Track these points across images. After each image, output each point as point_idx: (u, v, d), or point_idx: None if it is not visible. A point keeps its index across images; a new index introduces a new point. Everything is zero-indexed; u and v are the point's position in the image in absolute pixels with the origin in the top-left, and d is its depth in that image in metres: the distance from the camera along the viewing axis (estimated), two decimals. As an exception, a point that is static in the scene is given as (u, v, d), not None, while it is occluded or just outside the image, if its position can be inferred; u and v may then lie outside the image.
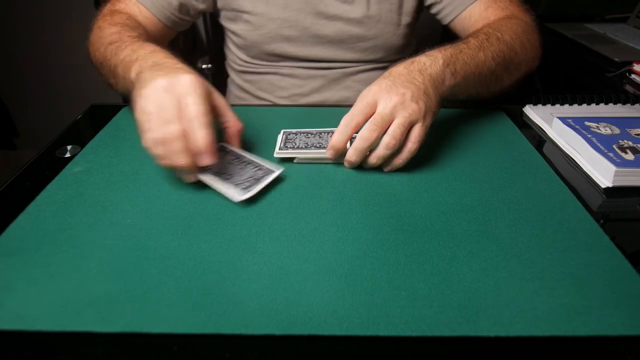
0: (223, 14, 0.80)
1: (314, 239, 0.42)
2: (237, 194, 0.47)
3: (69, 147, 0.58)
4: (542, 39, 0.71)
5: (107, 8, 0.71)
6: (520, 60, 0.67)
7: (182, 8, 0.74)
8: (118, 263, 0.39)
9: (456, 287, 0.37)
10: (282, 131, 0.60)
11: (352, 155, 0.51)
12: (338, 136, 0.51)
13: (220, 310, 0.35)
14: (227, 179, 0.49)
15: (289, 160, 0.56)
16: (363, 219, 0.45)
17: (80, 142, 0.59)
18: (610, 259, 0.40)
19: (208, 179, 0.48)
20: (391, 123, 0.49)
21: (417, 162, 0.55)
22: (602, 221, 0.46)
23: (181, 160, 0.44)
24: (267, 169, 0.51)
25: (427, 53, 0.56)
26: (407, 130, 0.50)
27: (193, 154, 0.45)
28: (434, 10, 0.81)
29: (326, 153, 0.53)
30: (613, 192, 0.51)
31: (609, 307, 0.35)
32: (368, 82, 0.83)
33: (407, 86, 0.50)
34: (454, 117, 0.67)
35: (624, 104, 0.70)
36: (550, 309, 0.35)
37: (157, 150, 0.45)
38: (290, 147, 0.55)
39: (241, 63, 0.85)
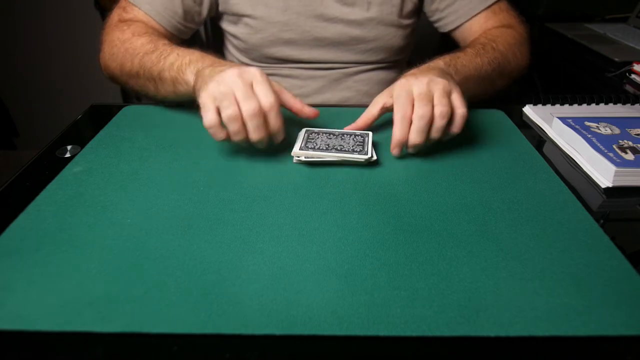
0: (224, 17, 0.80)
1: (314, 239, 0.42)
2: (363, 157, 0.53)
3: (69, 147, 0.58)
4: (530, 48, 0.77)
5: (115, 19, 0.72)
6: (512, 68, 0.72)
7: (187, 16, 0.75)
8: (118, 263, 0.39)
9: (456, 287, 0.37)
10: (304, 129, 0.59)
11: (415, 137, 0.52)
12: (399, 131, 0.53)
13: (220, 310, 0.35)
14: (340, 149, 0.55)
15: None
16: (363, 219, 0.45)
17: (80, 142, 0.59)
18: (610, 259, 0.40)
19: (324, 155, 0.54)
20: (432, 96, 0.52)
21: (417, 162, 0.55)
22: (602, 221, 0.46)
23: (259, 134, 0.51)
24: (362, 133, 0.58)
25: (427, 62, 0.60)
26: (449, 99, 0.53)
27: (267, 132, 0.52)
28: (433, 18, 0.82)
29: (393, 151, 0.55)
30: (613, 192, 0.51)
31: (609, 307, 0.35)
32: (369, 83, 0.84)
33: (427, 74, 0.54)
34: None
35: (624, 104, 0.70)
36: (550, 309, 0.35)
37: (233, 126, 0.50)
38: (311, 148, 0.55)
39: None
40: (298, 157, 0.55)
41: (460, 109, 0.53)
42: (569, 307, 0.35)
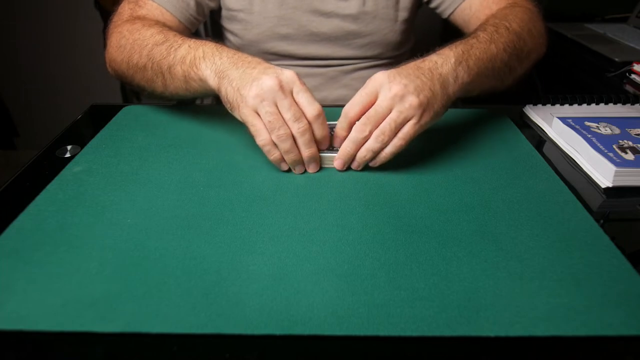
0: (223, 13, 0.80)
1: (314, 239, 0.42)
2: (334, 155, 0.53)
3: (69, 147, 0.58)
4: (546, 27, 0.70)
5: (127, 14, 0.69)
6: (530, 49, 0.65)
7: (199, 8, 0.75)
8: (118, 263, 0.39)
9: (456, 287, 0.37)
10: None
11: (342, 152, 0.52)
12: (339, 124, 0.53)
13: (220, 310, 0.35)
14: (335, 149, 0.54)
15: None
16: (363, 219, 0.45)
17: (80, 142, 0.59)
18: (610, 259, 0.40)
19: (325, 156, 0.54)
20: (386, 116, 0.49)
21: (417, 162, 0.55)
22: (602, 221, 0.46)
23: (311, 149, 0.51)
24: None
25: (438, 52, 0.55)
26: (400, 126, 0.49)
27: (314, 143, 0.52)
28: (433, 5, 0.80)
29: (334, 142, 0.54)
30: (613, 192, 0.51)
31: (609, 307, 0.35)
32: (366, 80, 0.83)
33: (411, 79, 0.50)
34: (453, 117, 0.67)
35: (624, 104, 0.70)
36: (550, 309, 0.35)
37: (285, 145, 0.50)
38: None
39: None
40: None
41: (397, 139, 0.50)
42: (569, 307, 0.35)
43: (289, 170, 0.54)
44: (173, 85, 0.59)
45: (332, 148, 0.55)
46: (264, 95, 0.48)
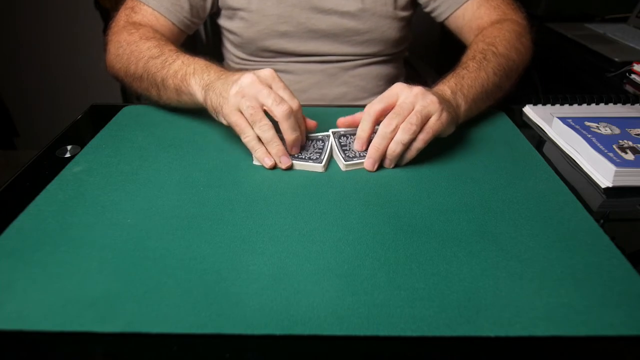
0: (222, 13, 0.80)
1: (314, 239, 0.42)
2: (317, 167, 0.53)
3: (69, 147, 0.58)
4: (533, 36, 0.73)
5: (123, 20, 0.72)
6: (518, 66, 0.69)
7: (193, 10, 0.75)
8: (118, 263, 0.39)
9: (456, 287, 0.37)
10: (330, 131, 0.59)
11: (372, 149, 0.52)
12: (362, 125, 0.53)
13: (220, 310, 0.35)
14: (299, 156, 0.54)
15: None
16: (363, 219, 0.45)
17: (80, 142, 0.59)
18: (610, 259, 0.40)
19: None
20: (410, 112, 0.51)
21: (417, 162, 0.55)
22: (602, 221, 0.46)
23: (295, 133, 0.52)
24: (323, 136, 0.58)
25: (434, 87, 0.59)
26: (425, 120, 0.51)
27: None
28: (428, 9, 0.81)
29: (355, 145, 0.55)
30: (613, 192, 0.51)
31: (609, 307, 0.35)
32: (366, 78, 0.84)
33: (425, 89, 0.53)
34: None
35: (624, 104, 0.70)
36: (550, 309, 0.35)
37: (268, 135, 0.51)
38: (353, 156, 0.54)
39: (238, 61, 0.85)
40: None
41: (423, 134, 0.51)
42: (569, 307, 0.35)
43: (275, 167, 0.54)
44: (166, 96, 0.63)
45: (308, 157, 0.54)
46: (243, 91, 0.50)
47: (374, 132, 0.54)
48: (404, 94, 0.52)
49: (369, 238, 0.43)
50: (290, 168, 0.54)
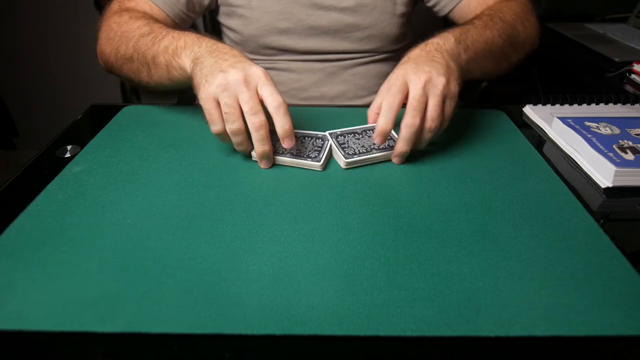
0: (221, 10, 0.80)
1: (314, 239, 0.42)
2: (315, 165, 0.53)
3: (69, 147, 0.58)
4: (539, 20, 0.74)
5: (116, 6, 0.71)
6: (523, 39, 0.70)
7: (189, 4, 0.75)
8: (118, 263, 0.39)
9: (456, 287, 0.37)
10: (327, 133, 0.59)
11: (402, 146, 0.52)
12: (384, 119, 0.52)
13: (220, 310, 0.35)
14: (297, 154, 0.54)
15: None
16: (363, 219, 0.45)
17: (80, 142, 0.59)
18: (610, 259, 0.40)
19: (283, 159, 0.54)
20: (426, 102, 0.51)
21: (417, 162, 0.55)
22: (602, 221, 0.46)
23: (265, 146, 0.51)
24: (322, 136, 0.58)
25: (437, 35, 0.59)
26: (442, 105, 0.52)
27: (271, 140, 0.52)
28: (430, 3, 0.81)
29: (375, 139, 0.53)
30: (613, 192, 0.51)
31: (609, 307, 0.35)
32: (366, 76, 0.84)
33: (430, 64, 0.53)
34: (453, 117, 0.67)
35: (624, 104, 0.70)
36: (550, 309, 0.35)
37: (237, 139, 0.52)
38: (353, 153, 0.54)
39: None
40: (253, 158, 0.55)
41: (445, 123, 0.53)
42: (569, 307, 0.35)
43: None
44: (157, 75, 0.61)
45: (286, 153, 0.55)
46: (226, 86, 0.50)
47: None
48: (412, 83, 0.52)
49: (369, 238, 0.43)
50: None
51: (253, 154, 0.54)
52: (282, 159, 0.54)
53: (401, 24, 0.81)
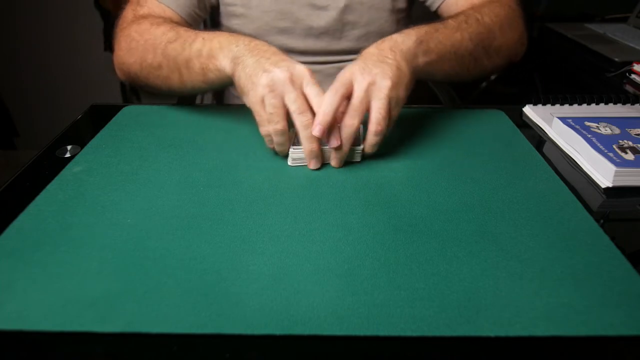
0: (221, 10, 0.81)
1: (314, 239, 0.42)
2: (358, 149, 0.54)
3: (69, 147, 0.58)
4: (525, 25, 0.71)
5: (130, 15, 0.70)
6: (500, 44, 0.67)
7: (200, 3, 0.75)
8: (118, 263, 0.39)
9: (456, 287, 0.37)
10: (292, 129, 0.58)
11: (335, 144, 0.52)
12: (326, 107, 0.50)
13: (220, 310, 0.35)
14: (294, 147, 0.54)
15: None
16: (363, 219, 0.45)
17: (80, 142, 0.59)
18: (610, 259, 0.40)
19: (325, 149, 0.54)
20: (368, 104, 0.51)
21: (417, 162, 0.55)
22: (602, 221, 0.46)
23: (312, 145, 0.51)
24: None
25: (402, 31, 0.57)
26: (387, 108, 0.51)
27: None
28: None
29: (313, 130, 0.50)
30: (613, 192, 0.51)
31: (609, 307, 0.35)
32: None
33: (378, 65, 0.52)
34: (453, 118, 0.67)
35: (624, 104, 0.70)
36: (550, 309, 0.35)
37: (281, 139, 0.52)
38: (296, 145, 0.54)
39: None
40: (294, 160, 0.54)
41: (389, 127, 0.52)
42: (569, 307, 0.35)
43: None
44: (190, 80, 0.61)
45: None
46: (273, 86, 0.50)
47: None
48: (357, 84, 0.51)
49: (369, 238, 0.43)
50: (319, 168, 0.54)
51: (289, 158, 0.54)
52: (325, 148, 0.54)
53: (399, 20, 0.81)
